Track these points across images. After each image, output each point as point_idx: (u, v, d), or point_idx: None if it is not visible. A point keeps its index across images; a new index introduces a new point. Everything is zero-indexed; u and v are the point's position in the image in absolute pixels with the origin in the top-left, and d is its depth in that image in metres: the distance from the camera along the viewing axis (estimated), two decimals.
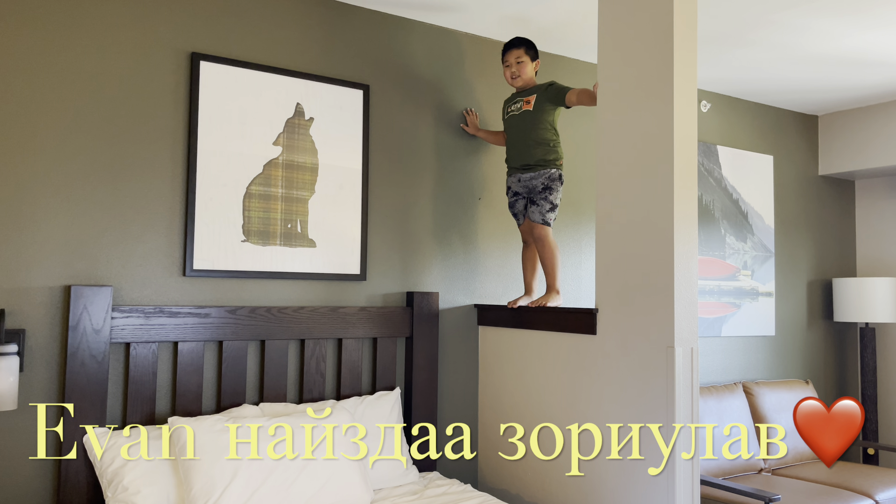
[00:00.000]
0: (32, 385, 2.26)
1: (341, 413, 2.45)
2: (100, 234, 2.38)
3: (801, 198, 4.41)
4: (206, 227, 2.54)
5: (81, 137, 2.36)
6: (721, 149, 4.03)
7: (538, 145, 2.84)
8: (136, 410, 2.37)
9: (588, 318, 2.50)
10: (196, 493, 2.08)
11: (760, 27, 3.09)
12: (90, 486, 2.26)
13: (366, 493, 2.33)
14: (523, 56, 2.89)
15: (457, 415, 3.08)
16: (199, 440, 2.16)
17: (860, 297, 4.15)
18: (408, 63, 3.06)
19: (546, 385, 2.69)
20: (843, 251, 4.57)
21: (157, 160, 2.49)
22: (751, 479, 3.41)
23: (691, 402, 2.21)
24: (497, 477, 2.97)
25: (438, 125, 3.12)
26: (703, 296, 3.91)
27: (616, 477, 2.36)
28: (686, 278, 2.23)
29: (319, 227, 2.78)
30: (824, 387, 4.39)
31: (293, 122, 2.74)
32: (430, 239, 3.06)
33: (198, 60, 2.55)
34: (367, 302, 2.90)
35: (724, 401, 3.59)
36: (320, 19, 2.85)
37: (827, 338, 4.45)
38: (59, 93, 2.34)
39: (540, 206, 2.84)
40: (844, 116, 4.37)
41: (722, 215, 4.03)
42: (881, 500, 3.19)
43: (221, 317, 2.52)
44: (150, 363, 2.40)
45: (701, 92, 3.99)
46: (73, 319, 2.25)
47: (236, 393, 2.55)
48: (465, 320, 3.13)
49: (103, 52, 2.41)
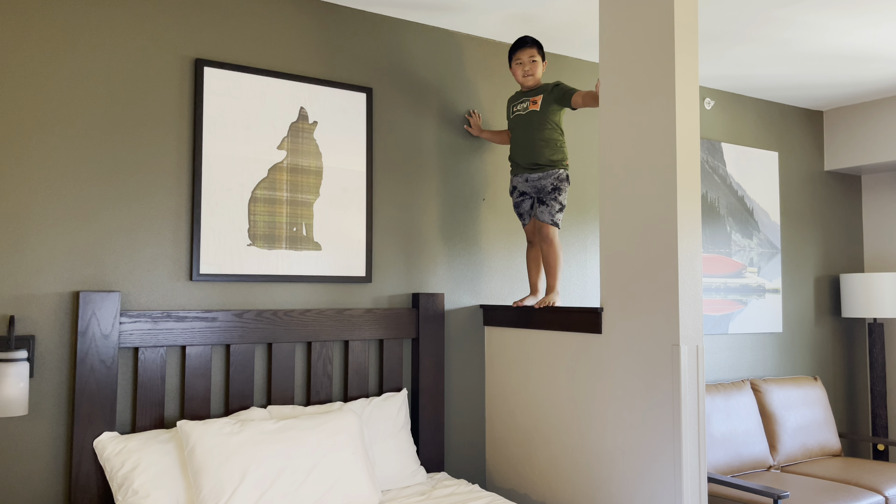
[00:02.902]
0: (42, 390, 2.28)
1: (349, 415, 2.46)
2: (107, 239, 2.40)
3: (807, 194, 4.39)
4: (211, 232, 2.56)
5: (87, 144, 2.39)
6: (726, 146, 4.03)
7: (546, 145, 2.85)
8: (146, 414, 2.39)
9: (593, 317, 2.50)
10: (205, 495, 2.10)
11: (763, 24, 3.08)
12: (101, 491, 2.28)
13: (374, 494, 2.34)
14: (537, 55, 2.90)
15: (464, 415, 3.09)
16: (208, 443, 2.18)
17: (868, 293, 4.13)
18: (410, 65, 3.07)
19: (552, 384, 2.70)
20: (851, 246, 4.55)
21: (162, 166, 2.51)
22: (760, 477, 3.41)
23: (697, 400, 2.21)
24: (505, 477, 2.97)
25: (441, 127, 3.13)
26: (709, 293, 3.90)
27: (623, 475, 2.36)
28: (690, 276, 2.23)
29: (324, 229, 2.80)
30: (833, 383, 4.38)
31: (297, 125, 2.76)
32: (435, 240, 3.07)
33: (201, 66, 2.57)
34: (373, 304, 2.91)
35: (733, 398, 3.58)
36: (322, 23, 2.86)
37: (835, 334, 4.43)
38: (63, 100, 2.36)
39: (550, 206, 2.84)
40: (849, 111, 4.36)
41: (727, 212, 4.02)
42: (891, 496, 3.18)
43: (228, 320, 2.53)
44: (158, 367, 2.42)
45: (705, 89, 3.99)
46: (82, 325, 2.27)
47: (244, 396, 2.57)
48: (470, 321, 3.14)
49: (108, 60, 2.43)
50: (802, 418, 3.79)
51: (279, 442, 2.25)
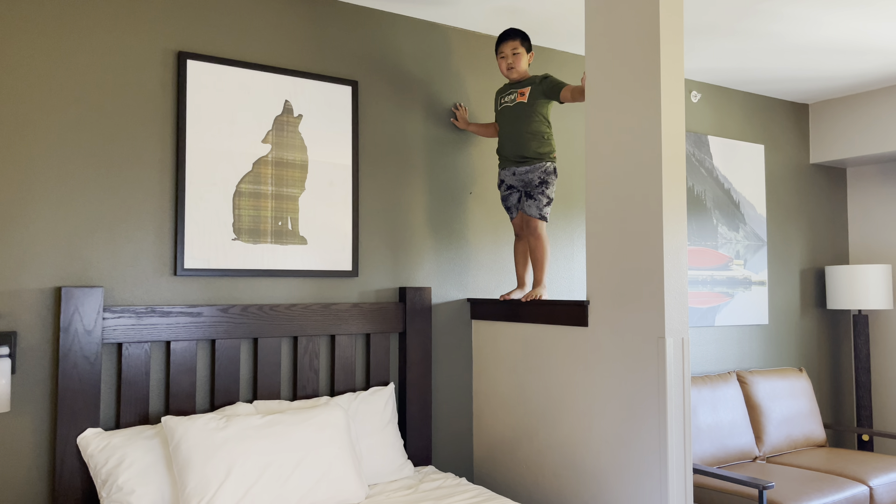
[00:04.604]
0: (25, 387, 2.26)
1: (335, 409, 2.46)
2: (90, 234, 2.38)
3: (793, 186, 4.41)
4: (196, 226, 2.54)
5: (69, 138, 2.36)
6: (712, 139, 4.04)
7: (533, 138, 2.84)
8: (130, 410, 2.38)
9: (579, 310, 2.51)
10: (190, 491, 2.09)
11: (748, 16, 3.09)
12: (85, 487, 2.26)
13: (360, 489, 2.34)
14: (519, 48, 2.89)
15: (451, 409, 3.09)
16: (193, 439, 2.17)
17: (853, 285, 4.16)
18: (396, 58, 3.05)
19: (539, 377, 2.70)
20: (836, 239, 4.58)
21: (145, 160, 2.48)
22: (745, 468, 3.43)
23: (683, 392, 2.22)
24: (492, 470, 2.98)
25: (428, 120, 3.12)
26: (695, 286, 3.92)
27: (609, 467, 2.37)
28: (676, 270, 2.24)
29: (310, 224, 2.78)
30: (818, 374, 4.41)
31: (282, 119, 2.74)
32: (422, 234, 3.07)
33: (184, 59, 2.54)
34: (360, 298, 2.90)
35: (719, 390, 3.60)
36: (308, 16, 2.84)
37: (820, 325, 4.47)
38: (46, 95, 2.33)
39: (537, 200, 2.84)
40: (835, 104, 4.38)
41: (714, 205, 4.03)
42: (875, 485, 3.21)
43: (213, 315, 2.52)
44: (142, 363, 2.40)
45: (691, 82, 3.99)
46: (65, 321, 2.25)
47: (230, 391, 2.56)
48: (458, 314, 3.13)
49: (90, 54, 2.41)
50: (788, 409, 3.82)
51: (265, 437, 2.24)
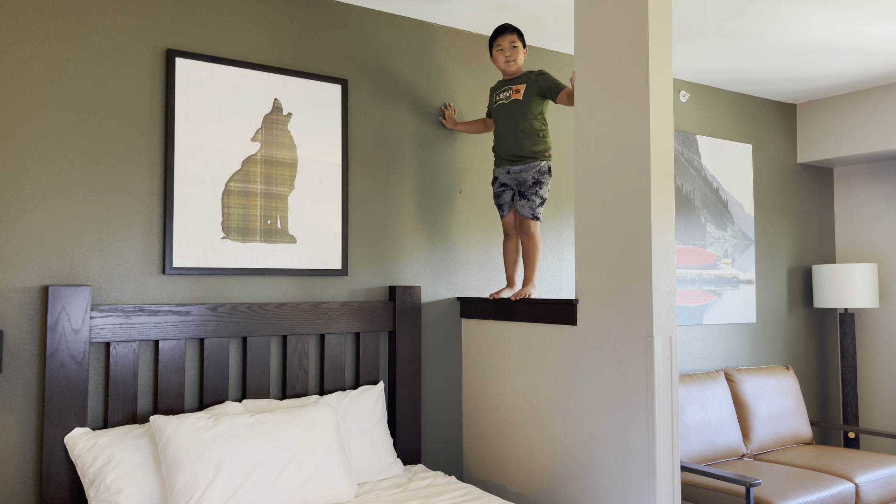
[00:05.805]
0: (11, 386, 2.24)
1: (325, 408, 2.46)
2: (77, 233, 2.36)
3: (781, 186, 4.45)
4: (185, 225, 2.53)
5: (56, 136, 2.34)
6: (700, 138, 4.06)
7: (528, 136, 2.83)
8: (118, 410, 2.37)
9: (568, 309, 2.51)
10: (179, 490, 2.08)
11: (736, 17, 3.10)
12: (72, 487, 2.25)
13: (350, 487, 2.34)
14: (517, 41, 2.89)
15: (441, 407, 3.09)
16: (182, 438, 2.16)
17: (839, 283, 4.20)
18: (386, 57, 3.05)
19: (528, 375, 2.71)
20: (822, 238, 4.62)
21: (134, 158, 2.47)
22: (733, 465, 3.45)
23: (671, 390, 2.23)
24: (481, 468, 2.98)
25: (418, 118, 3.12)
26: (684, 284, 3.94)
27: (597, 465, 2.38)
28: (664, 269, 2.25)
29: (300, 222, 2.78)
30: (805, 372, 4.45)
31: (271, 117, 2.73)
32: (412, 232, 3.07)
33: (173, 57, 2.53)
34: (349, 297, 2.90)
35: (707, 388, 3.62)
36: (297, 14, 2.83)
37: (807, 324, 4.50)
38: (33, 92, 2.31)
39: (531, 200, 2.84)
40: (822, 105, 4.41)
41: (702, 204, 4.06)
42: (861, 482, 3.24)
43: (202, 314, 2.51)
44: (130, 362, 2.39)
45: (680, 82, 4.01)
46: (52, 320, 2.24)
47: (219, 390, 2.55)
48: (447, 313, 3.14)
49: (78, 51, 2.39)
50: (775, 407, 3.85)
51: (254, 436, 2.23)
